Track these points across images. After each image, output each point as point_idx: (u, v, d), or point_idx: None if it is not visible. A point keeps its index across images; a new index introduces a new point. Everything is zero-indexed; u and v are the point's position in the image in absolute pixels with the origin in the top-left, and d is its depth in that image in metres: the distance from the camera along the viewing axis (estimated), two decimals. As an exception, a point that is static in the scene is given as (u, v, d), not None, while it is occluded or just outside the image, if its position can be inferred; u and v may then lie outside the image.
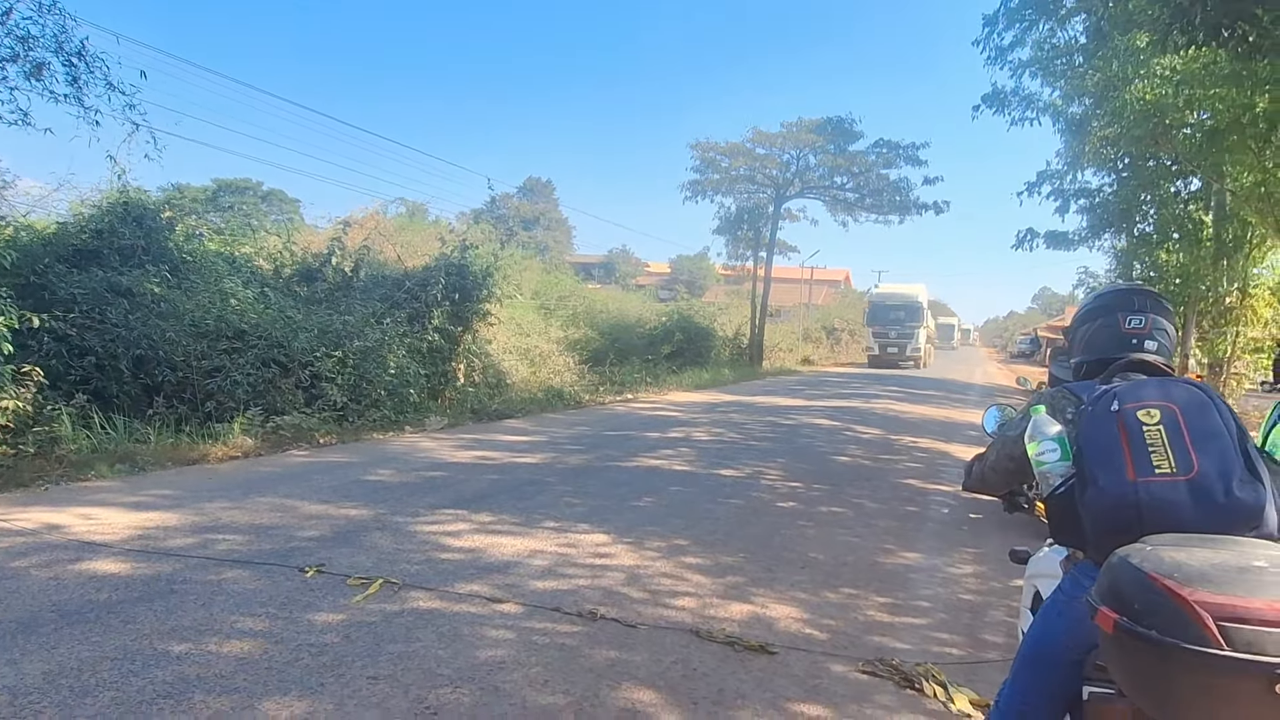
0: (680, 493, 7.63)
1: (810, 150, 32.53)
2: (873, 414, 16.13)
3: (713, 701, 3.45)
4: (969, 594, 5.15)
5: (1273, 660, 1.40)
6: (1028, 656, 2.12)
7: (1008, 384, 28.57)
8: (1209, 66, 10.43)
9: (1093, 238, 19.33)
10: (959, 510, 7.61)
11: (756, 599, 4.76)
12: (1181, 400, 1.90)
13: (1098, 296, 2.32)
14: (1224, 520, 1.76)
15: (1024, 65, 15.35)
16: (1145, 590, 1.52)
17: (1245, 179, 12.56)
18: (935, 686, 3.67)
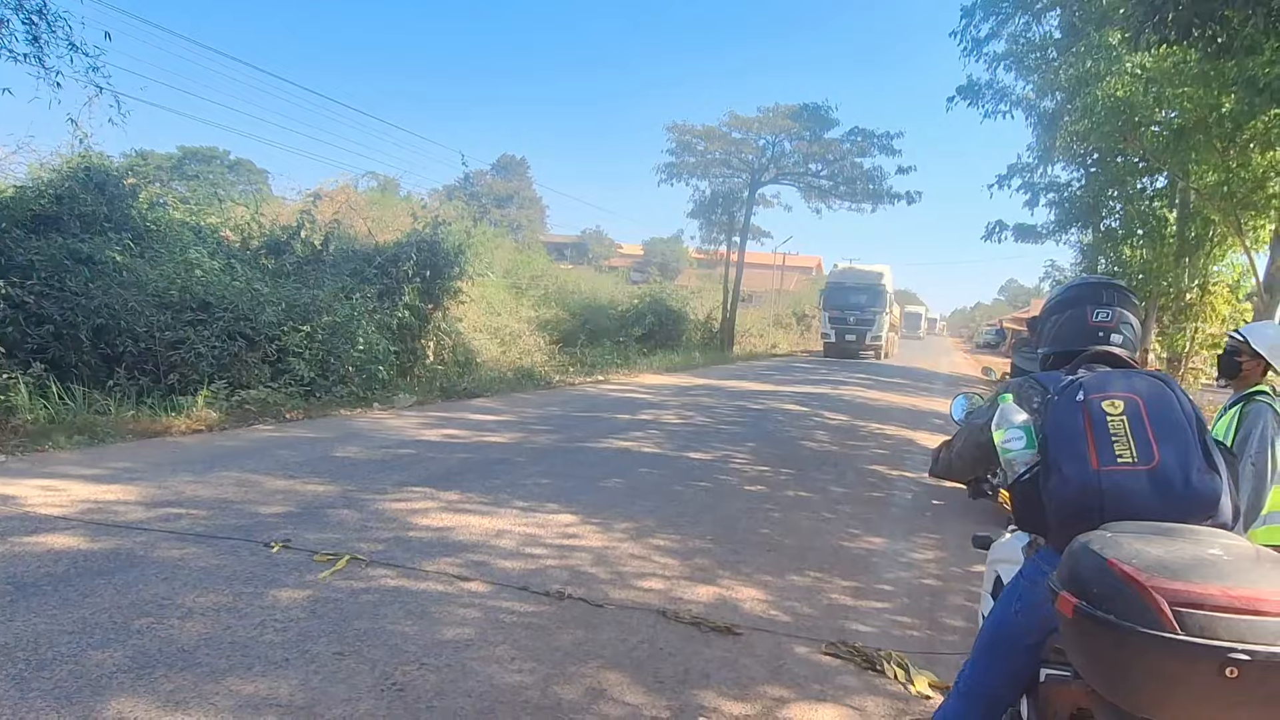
0: (649, 475, 7.66)
1: (786, 136, 32.59)
2: (841, 400, 16.28)
3: (678, 681, 3.48)
4: (930, 579, 5.24)
5: (1224, 644, 1.44)
6: (988, 639, 2.17)
7: (973, 373, 29.02)
8: (1179, 66, 10.60)
9: (1060, 232, 19.65)
10: (922, 496, 7.73)
11: (723, 581, 4.80)
12: (1145, 392, 1.95)
13: (1067, 289, 2.36)
14: (1182, 509, 1.81)
15: (999, 58, 15.51)
16: (1105, 576, 1.56)
17: (1209, 178, 12.81)
18: (896, 669, 3.74)
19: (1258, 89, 8.08)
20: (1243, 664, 1.42)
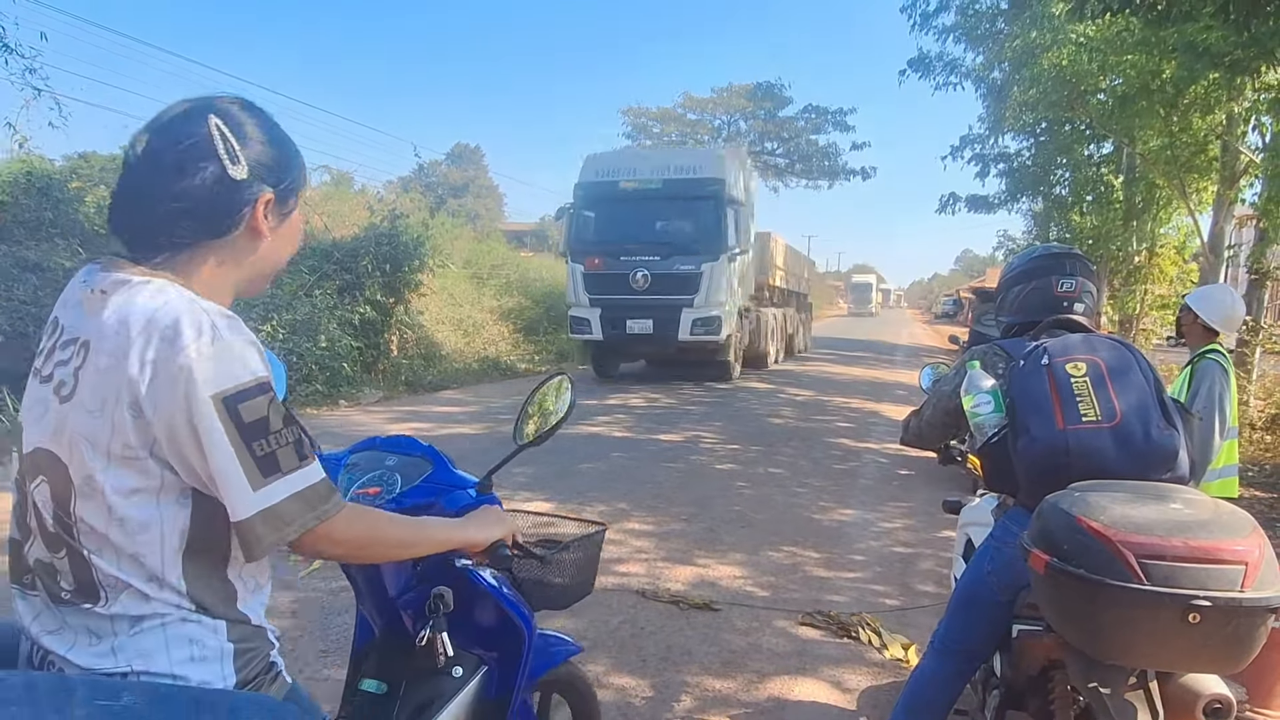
0: (621, 458, 7.70)
1: (741, 116, 32.72)
2: (805, 376, 16.46)
3: (660, 658, 3.54)
4: (900, 546, 5.36)
5: (1186, 592, 1.53)
6: (962, 599, 2.25)
7: (934, 344, 29.43)
8: (1121, 34, 10.79)
9: (1011, 201, 19.93)
10: (889, 467, 7.87)
11: (700, 560, 4.87)
12: (1105, 355, 2.03)
13: (1029, 259, 2.42)
14: (1144, 463, 1.89)
15: (949, 30, 15.66)
16: (1074, 533, 1.64)
17: (1153, 142, 13.09)
18: (870, 634, 3.84)
19: (1197, 54, 8.27)
20: (1204, 609, 1.51)
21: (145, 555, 1.09)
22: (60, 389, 1.10)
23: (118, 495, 1.07)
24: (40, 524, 1.12)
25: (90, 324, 1.10)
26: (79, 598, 1.10)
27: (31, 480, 1.12)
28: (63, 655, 1.10)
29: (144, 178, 1.15)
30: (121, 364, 1.05)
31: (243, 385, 1.06)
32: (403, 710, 1.58)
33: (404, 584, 1.64)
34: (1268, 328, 10.96)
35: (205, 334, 1.06)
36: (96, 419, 1.06)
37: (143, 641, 1.10)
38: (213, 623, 1.14)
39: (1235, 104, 11.06)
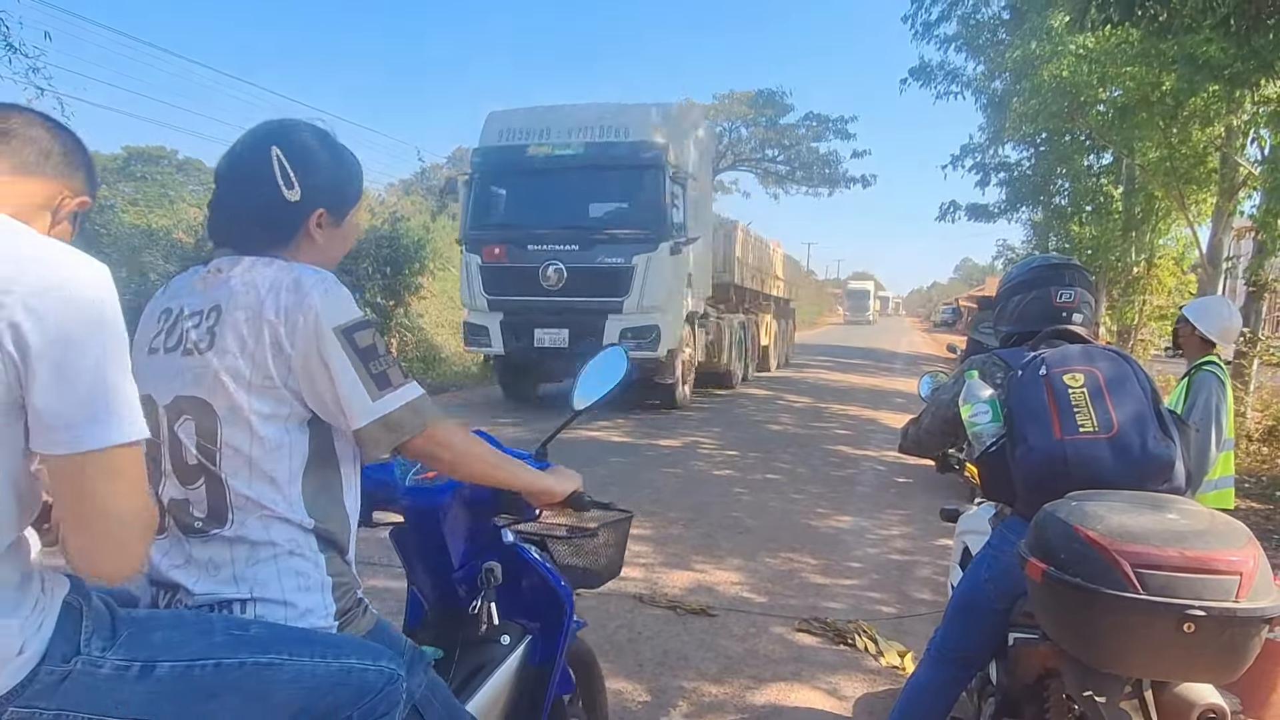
0: (619, 463, 7.71)
1: (742, 123, 32.73)
2: (803, 383, 16.48)
3: (657, 663, 3.55)
4: (897, 553, 5.37)
5: (1181, 602, 1.54)
6: (958, 607, 2.26)
7: (932, 352, 29.44)
8: (1121, 46, 10.83)
9: (1011, 210, 19.97)
10: (887, 475, 7.88)
11: (697, 565, 4.88)
12: (1103, 366, 2.05)
13: (1029, 269, 2.44)
14: (1141, 474, 1.91)
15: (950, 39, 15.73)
16: (1071, 542, 1.65)
17: (1152, 154, 13.13)
18: (867, 641, 3.85)
19: (1197, 66, 8.32)
20: (1198, 619, 1.53)
21: (277, 472, 1.32)
22: (198, 345, 1.32)
23: (258, 418, 1.30)
24: (177, 461, 1.34)
25: (215, 294, 1.34)
26: (209, 523, 1.32)
27: (175, 422, 1.33)
28: (189, 587, 1.32)
29: (225, 195, 1.43)
30: (258, 314, 1.29)
31: (355, 319, 1.33)
32: (458, 673, 1.72)
33: (462, 557, 1.79)
34: (1265, 339, 10.99)
35: (322, 283, 1.34)
36: (238, 359, 1.29)
37: (259, 572, 1.32)
38: (315, 556, 1.35)
39: (1234, 116, 11.10)
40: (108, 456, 1.02)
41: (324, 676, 1.25)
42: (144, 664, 1.12)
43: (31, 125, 1.19)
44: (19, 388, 0.98)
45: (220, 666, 1.17)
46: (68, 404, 0.99)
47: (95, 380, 1.01)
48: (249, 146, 1.42)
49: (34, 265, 1.01)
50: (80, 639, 1.09)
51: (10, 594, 1.05)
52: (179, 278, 1.47)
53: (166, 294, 1.45)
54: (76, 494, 1.03)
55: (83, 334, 1.00)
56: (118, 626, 1.14)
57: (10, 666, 1.04)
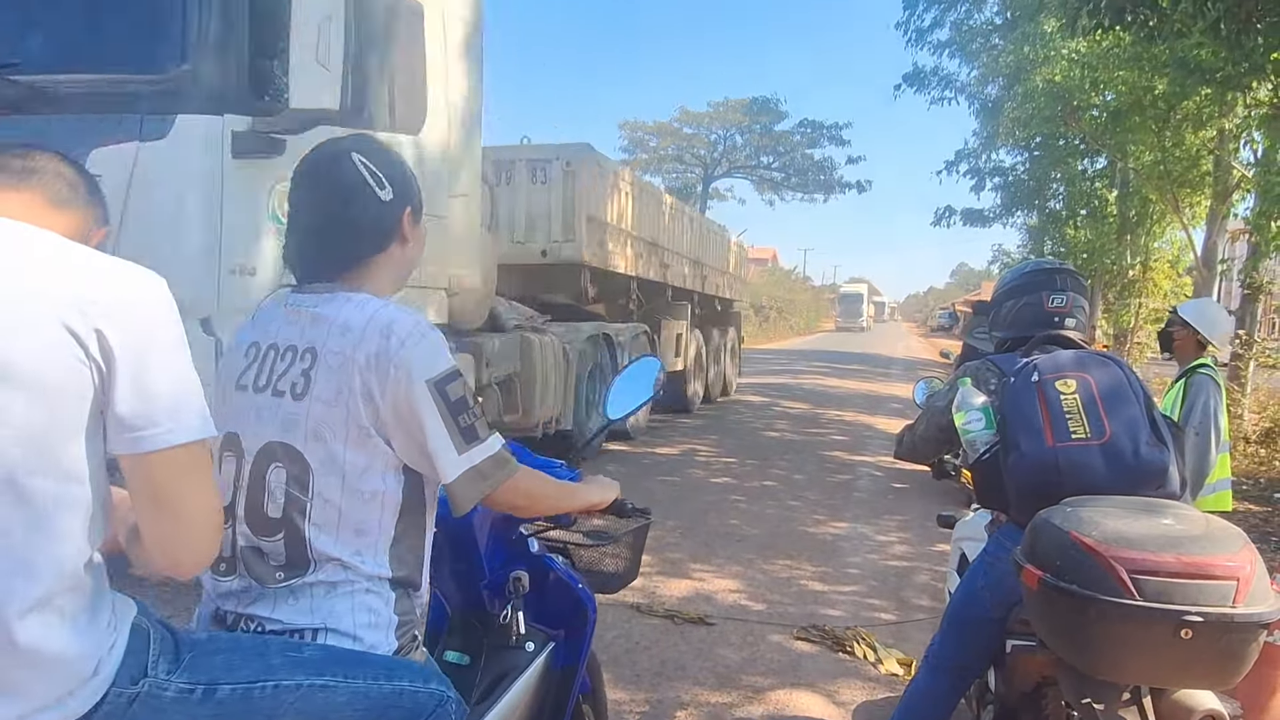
0: (616, 471, 7.68)
1: (737, 130, 32.86)
2: (800, 389, 16.49)
3: (655, 674, 3.53)
4: (896, 560, 5.36)
5: (1178, 608, 1.53)
6: (955, 614, 2.25)
7: (929, 357, 29.50)
8: (1113, 50, 10.89)
9: (1006, 215, 20.07)
10: (884, 480, 7.87)
11: (695, 573, 4.86)
12: (1095, 372, 2.04)
13: (1021, 274, 2.44)
14: (1134, 480, 1.90)
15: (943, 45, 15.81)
16: (1067, 549, 1.64)
17: (1146, 157, 13.19)
18: (866, 649, 3.83)
19: (1188, 70, 8.37)
20: (1196, 625, 1.52)
21: (367, 523, 1.33)
22: (293, 389, 1.32)
23: (354, 470, 1.30)
24: (254, 509, 1.33)
25: (310, 334, 1.34)
26: (289, 573, 1.32)
27: (265, 469, 1.32)
28: (264, 615, 1.33)
29: (313, 216, 1.42)
30: (350, 361, 1.29)
31: (447, 371, 1.33)
32: (483, 679, 1.74)
33: (490, 565, 1.82)
34: (1261, 342, 11.00)
35: (416, 330, 1.32)
36: (333, 407, 1.30)
37: (336, 604, 1.33)
38: (387, 595, 1.36)
39: (1226, 120, 11.16)
40: (184, 452, 1.08)
41: (378, 699, 1.28)
42: (206, 686, 1.14)
43: (54, 160, 1.23)
44: (103, 394, 1.04)
45: (279, 688, 1.20)
46: (147, 405, 1.05)
47: (169, 381, 1.07)
48: (329, 162, 1.43)
49: (110, 277, 1.07)
50: (148, 661, 1.11)
51: (87, 613, 1.07)
52: (266, 306, 1.47)
53: (254, 325, 1.45)
54: (155, 490, 1.08)
55: (157, 339, 1.07)
56: (180, 649, 1.16)
57: (86, 688, 1.05)
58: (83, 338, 1.01)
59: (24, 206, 1.15)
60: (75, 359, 1.01)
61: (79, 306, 1.02)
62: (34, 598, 1.01)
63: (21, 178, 1.18)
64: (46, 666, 1.02)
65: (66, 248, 1.10)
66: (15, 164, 1.19)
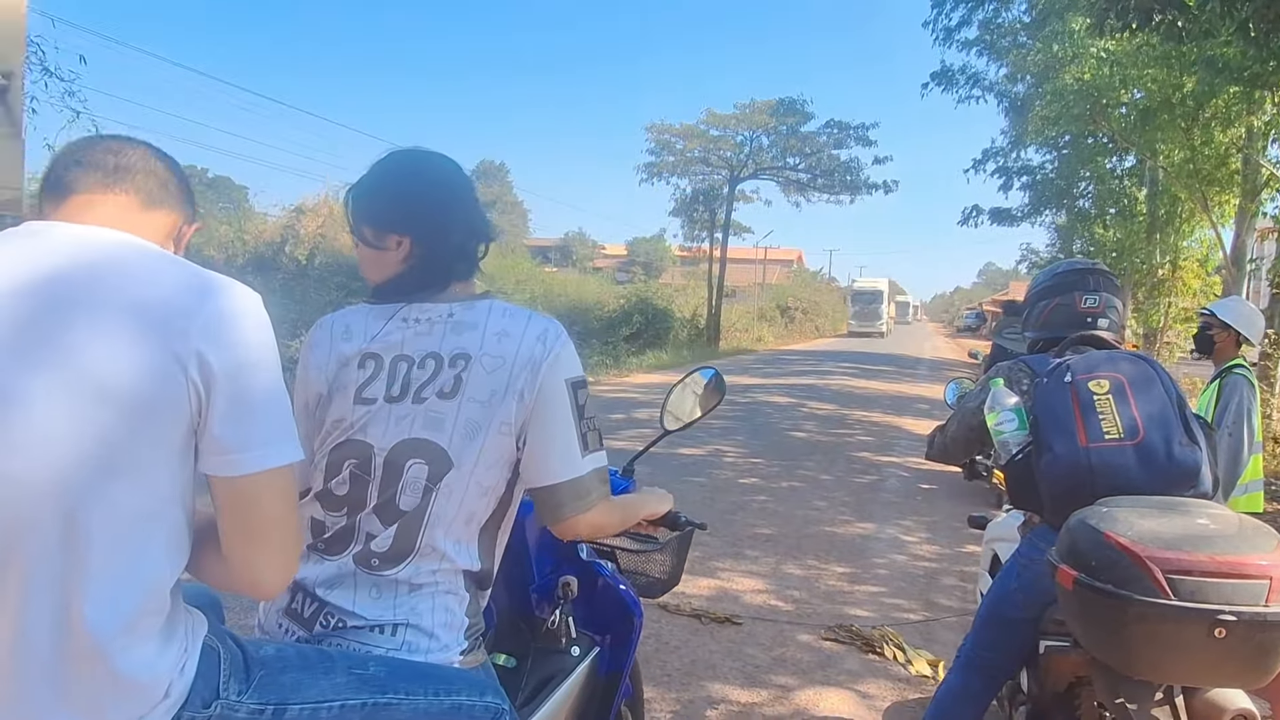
0: (644, 473, 7.65)
1: (763, 132, 32.63)
2: (827, 390, 16.42)
3: (684, 673, 3.56)
4: (924, 561, 5.35)
5: (1212, 607, 1.55)
6: (988, 615, 2.26)
7: (956, 358, 29.25)
8: (1142, 49, 10.78)
9: (1034, 214, 19.91)
10: (912, 481, 7.85)
11: (722, 573, 4.89)
12: (1128, 372, 2.05)
13: (1054, 274, 2.44)
14: (1167, 480, 1.91)
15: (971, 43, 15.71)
16: (1102, 549, 1.66)
17: (1175, 156, 13.04)
18: (895, 649, 3.84)
19: (1217, 69, 8.28)
20: (1229, 624, 1.53)
21: (477, 511, 1.39)
22: (441, 391, 1.36)
23: (484, 464, 1.36)
24: (387, 500, 1.36)
25: (455, 340, 1.38)
26: (385, 564, 1.36)
27: (404, 463, 1.35)
28: (345, 608, 1.36)
29: (432, 234, 1.43)
30: (508, 364, 1.36)
31: (581, 376, 1.42)
32: (529, 682, 1.76)
33: (542, 571, 1.86)
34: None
35: (562, 334, 1.42)
36: (486, 407, 1.35)
37: (418, 603, 1.37)
38: (462, 595, 1.41)
39: (1255, 118, 11.01)
40: (276, 475, 1.08)
41: (437, 714, 1.30)
42: (276, 707, 1.15)
43: (147, 157, 1.20)
44: (199, 416, 1.03)
45: (345, 707, 1.21)
46: (245, 428, 1.04)
47: (266, 404, 1.07)
48: (444, 175, 1.48)
49: (207, 294, 1.06)
50: (219, 682, 1.12)
51: (163, 634, 1.06)
52: (350, 321, 1.45)
53: (347, 338, 1.43)
54: (247, 511, 1.09)
55: (255, 360, 1.06)
56: (250, 668, 1.17)
57: (158, 710, 1.05)
58: (184, 359, 1.00)
59: (119, 210, 1.14)
60: (175, 380, 1.00)
61: (180, 327, 1.01)
62: (122, 617, 1.01)
63: (115, 178, 1.15)
64: (121, 688, 1.02)
65: (166, 262, 1.09)
66: (108, 161, 1.16)
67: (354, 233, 1.48)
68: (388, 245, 1.42)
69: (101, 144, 1.19)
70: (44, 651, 0.99)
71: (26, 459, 0.97)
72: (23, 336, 0.99)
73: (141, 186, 1.17)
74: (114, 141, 1.20)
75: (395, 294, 1.43)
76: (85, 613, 0.98)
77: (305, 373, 1.45)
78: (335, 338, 1.44)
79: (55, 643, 0.99)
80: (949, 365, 24.82)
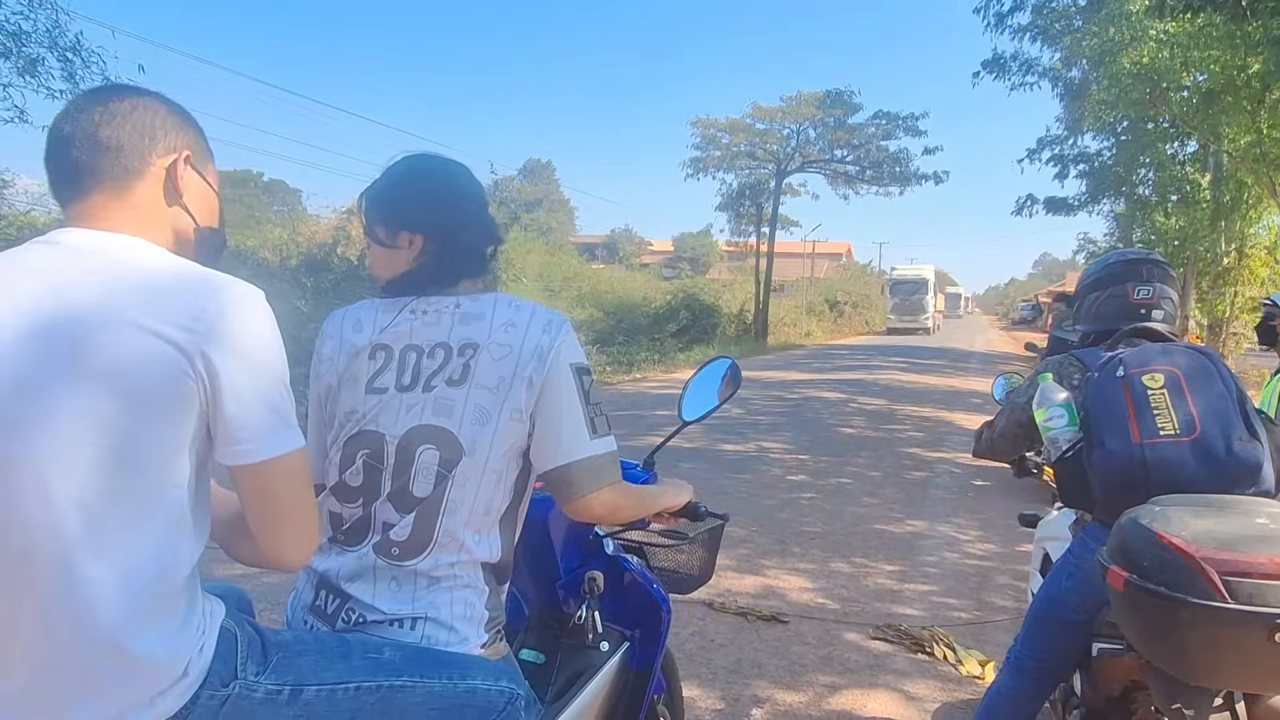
0: (691, 469, 7.70)
1: (810, 124, 32.27)
2: (876, 385, 16.21)
3: (730, 672, 3.54)
4: (975, 559, 5.24)
5: (1273, 611, 1.47)
6: (1039, 616, 2.20)
7: (1010, 350, 28.60)
8: (1204, 29, 10.40)
9: (1092, 203, 19.38)
10: (964, 478, 7.69)
11: (768, 571, 4.85)
12: (1184, 365, 1.96)
13: (1105, 265, 2.35)
14: (1226, 478, 1.83)
15: (1024, 29, 15.33)
16: (1154, 549, 1.59)
17: (1241, 140, 12.57)
18: (944, 649, 3.77)
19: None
20: None
21: (494, 500, 1.42)
22: (450, 379, 1.39)
23: (498, 452, 1.39)
24: (400, 487, 1.38)
25: (463, 331, 1.42)
26: (405, 554, 1.38)
27: (415, 450, 1.38)
28: (366, 601, 1.39)
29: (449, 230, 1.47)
30: (516, 352, 1.40)
31: (585, 363, 1.47)
32: (558, 678, 1.78)
33: (566, 565, 1.86)
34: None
35: (566, 324, 1.46)
36: (495, 393, 1.38)
37: (436, 596, 1.40)
38: (482, 589, 1.44)
39: (1329, 98, 10.55)
40: (287, 461, 1.15)
41: (451, 698, 1.33)
42: (293, 688, 1.20)
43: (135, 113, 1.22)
44: (207, 407, 1.09)
45: (360, 689, 1.25)
46: (253, 418, 1.11)
47: (270, 395, 1.13)
48: (456, 178, 1.53)
49: (211, 293, 1.11)
50: (237, 663, 1.16)
51: (180, 616, 1.12)
52: (361, 314, 1.49)
53: (358, 330, 1.47)
54: (263, 496, 1.16)
55: (256, 354, 1.12)
56: (268, 651, 1.21)
57: (176, 689, 1.10)
58: (190, 353, 1.06)
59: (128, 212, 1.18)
60: (182, 373, 1.06)
61: (186, 324, 1.07)
62: (136, 602, 1.06)
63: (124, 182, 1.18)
64: (139, 666, 1.07)
65: (170, 264, 1.16)
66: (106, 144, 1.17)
67: (367, 233, 1.52)
68: (400, 244, 1.47)
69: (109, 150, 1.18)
70: (56, 634, 1.04)
71: (39, 449, 1.03)
72: (44, 338, 1.06)
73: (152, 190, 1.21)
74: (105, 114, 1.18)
75: (405, 289, 1.47)
76: (97, 595, 1.04)
77: (318, 364, 1.49)
78: (346, 330, 1.48)
79: (67, 624, 1.03)
80: (1003, 359, 24.28)
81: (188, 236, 1.26)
